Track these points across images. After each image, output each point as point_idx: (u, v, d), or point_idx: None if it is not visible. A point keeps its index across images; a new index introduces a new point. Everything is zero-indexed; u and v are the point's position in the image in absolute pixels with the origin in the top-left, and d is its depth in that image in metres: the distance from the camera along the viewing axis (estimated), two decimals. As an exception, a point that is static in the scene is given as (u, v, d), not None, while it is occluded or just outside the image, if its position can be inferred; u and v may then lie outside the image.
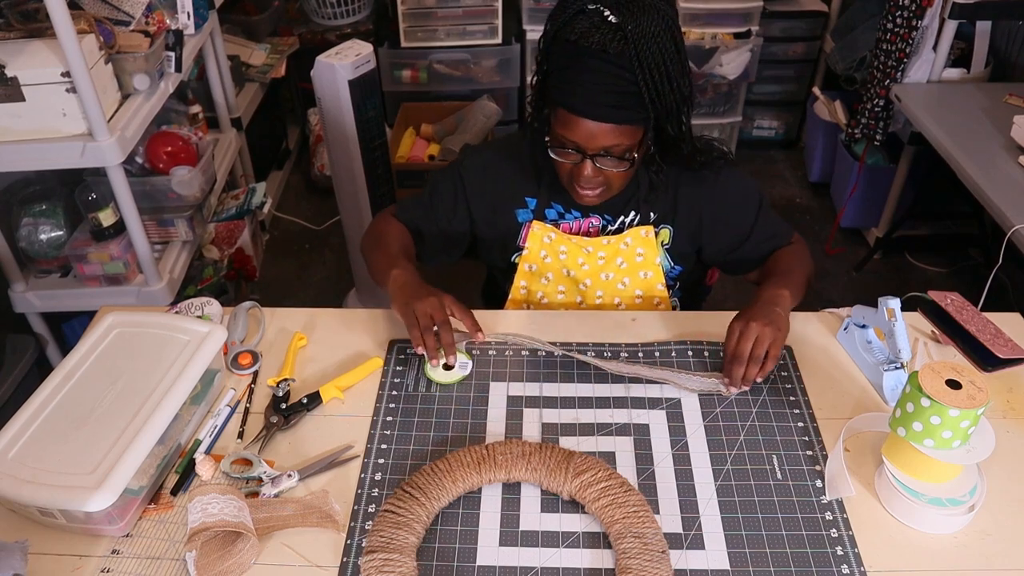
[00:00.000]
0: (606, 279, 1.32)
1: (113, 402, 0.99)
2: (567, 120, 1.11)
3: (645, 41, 1.04)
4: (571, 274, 1.32)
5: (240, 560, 0.91)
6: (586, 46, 1.06)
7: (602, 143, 1.11)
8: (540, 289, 1.35)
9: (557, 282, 1.34)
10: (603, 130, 1.09)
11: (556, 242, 1.30)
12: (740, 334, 1.10)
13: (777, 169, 3.36)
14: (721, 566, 0.92)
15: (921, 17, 2.31)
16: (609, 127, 1.09)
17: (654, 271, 1.31)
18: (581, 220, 1.31)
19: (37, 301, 1.91)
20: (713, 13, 2.94)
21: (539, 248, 1.31)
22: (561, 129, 1.12)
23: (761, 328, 1.09)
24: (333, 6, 3.12)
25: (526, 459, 1.00)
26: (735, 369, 1.09)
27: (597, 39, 1.05)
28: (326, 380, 1.16)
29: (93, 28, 1.64)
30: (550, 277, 1.33)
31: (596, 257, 1.30)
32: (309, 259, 2.90)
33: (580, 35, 1.06)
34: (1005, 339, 1.20)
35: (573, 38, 1.07)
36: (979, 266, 2.76)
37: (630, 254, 1.30)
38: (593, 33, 1.05)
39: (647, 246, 1.30)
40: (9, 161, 1.65)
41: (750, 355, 1.09)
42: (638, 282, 1.32)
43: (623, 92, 1.07)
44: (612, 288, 1.33)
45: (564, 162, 1.16)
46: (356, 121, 2.08)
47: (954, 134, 2.11)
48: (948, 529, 0.95)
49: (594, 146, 1.11)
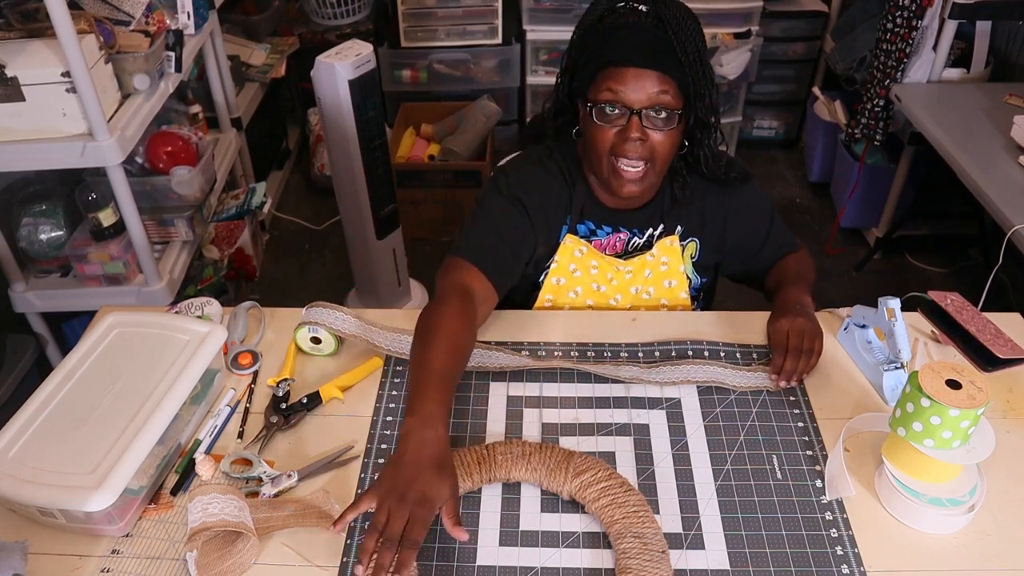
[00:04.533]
0: (635, 292, 1.32)
1: (113, 402, 0.99)
2: (611, 77, 1.11)
3: (677, 22, 1.10)
4: (601, 289, 1.30)
5: (240, 560, 0.91)
6: (621, 22, 1.11)
7: (648, 91, 1.10)
8: (568, 303, 1.32)
9: (586, 296, 1.31)
10: (649, 78, 1.10)
11: (587, 256, 1.28)
12: (789, 330, 1.16)
13: (777, 169, 3.36)
14: (721, 566, 0.92)
15: (921, 17, 2.31)
16: (655, 75, 1.10)
17: (678, 279, 1.31)
18: (611, 235, 1.30)
19: (37, 301, 1.91)
20: (713, 13, 2.94)
21: (569, 261, 1.28)
22: (605, 91, 1.12)
23: (807, 324, 1.17)
24: (333, 6, 3.12)
25: (526, 459, 1.00)
26: (788, 363, 1.14)
27: (631, 18, 1.10)
28: (326, 380, 1.16)
29: (93, 28, 1.64)
30: (579, 291, 1.31)
31: (624, 272, 1.30)
32: (309, 259, 2.90)
33: (613, 22, 1.11)
34: (1005, 339, 1.20)
35: (606, 25, 1.12)
36: (979, 266, 2.76)
37: (655, 264, 1.30)
38: (627, 16, 1.11)
39: (671, 255, 1.29)
40: (9, 161, 1.65)
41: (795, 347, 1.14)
42: (662, 291, 1.32)
43: (662, 47, 1.09)
44: (637, 299, 1.33)
45: (609, 128, 1.13)
46: (356, 121, 2.08)
47: (954, 134, 2.10)
48: (948, 529, 0.95)
49: (640, 98, 1.11)
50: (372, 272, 2.41)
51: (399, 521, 0.87)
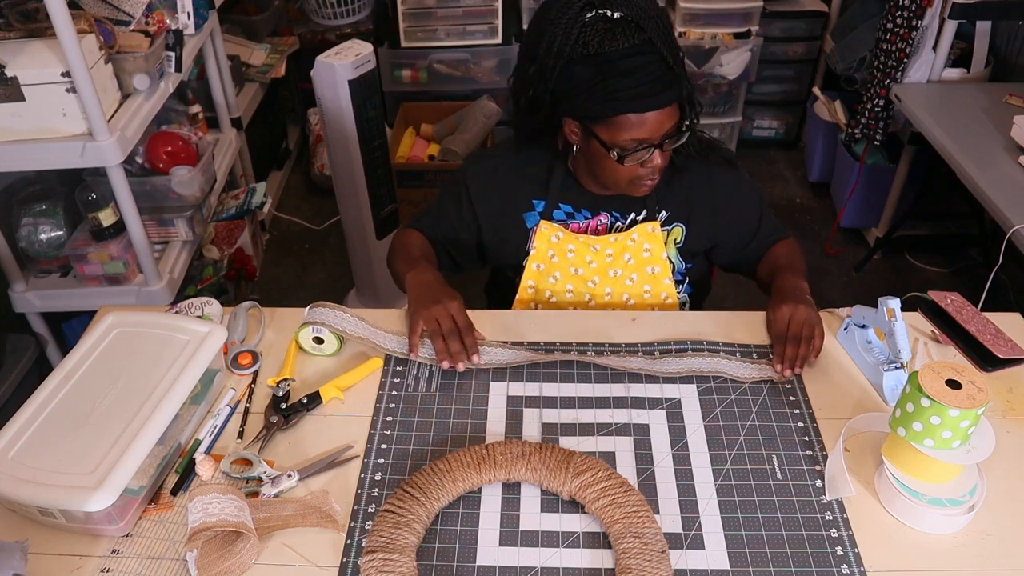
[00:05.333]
0: (614, 276, 1.33)
1: (113, 402, 0.99)
2: (631, 123, 1.12)
3: (653, 22, 1.10)
4: (579, 272, 1.33)
5: (240, 560, 0.91)
6: (612, 51, 1.09)
7: (667, 127, 1.15)
8: (548, 288, 1.36)
9: (565, 280, 1.34)
10: (666, 114, 1.13)
11: (564, 241, 1.31)
12: (790, 318, 1.17)
13: (777, 169, 3.36)
14: (721, 566, 0.92)
15: (921, 17, 2.31)
16: (669, 110, 1.13)
17: (661, 266, 1.32)
18: (590, 219, 1.33)
19: (37, 301, 1.90)
20: (713, 13, 2.94)
21: (547, 248, 1.32)
22: (627, 134, 1.13)
23: (808, 312, 1.18)
24: (333, 6, 3.12)
25: (526, 459, 1.00)
26: (789, 350, 1.15)
27: (619, 42, 1.09)
28: (326, 380, 1.16)
29: (93, 28, 1.63)
30: (558, 276, 1.34)
31: (604, 255, 1.31)
32: (309, 259, 2.90)
33: (598, 45, 1.10)
34: (1005, 339, 1.20)
35: (592, 50, 1.10)
36: (979, 266, 2.76)
37: (637, 250, 1.31)
38: (610, 38, 1.09)
39: (653, 241, 1.31)
40: (9, 161, 1.65)
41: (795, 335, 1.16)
42: (646, 278, 1.33)
43: (662, 74, 1.11)
44: (620, 285, 1.34)
45: (636, 165, 1.17)
46: (356, 121, 2.08)
47: (954, 134, 2.10)
48: (948, 529, 0.95)
49: (659, 134, 1.14)
50: (372, 272, 2.41)
51: (446, 319, 1.15)
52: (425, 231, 1.39)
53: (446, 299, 1.17)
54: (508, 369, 1.18)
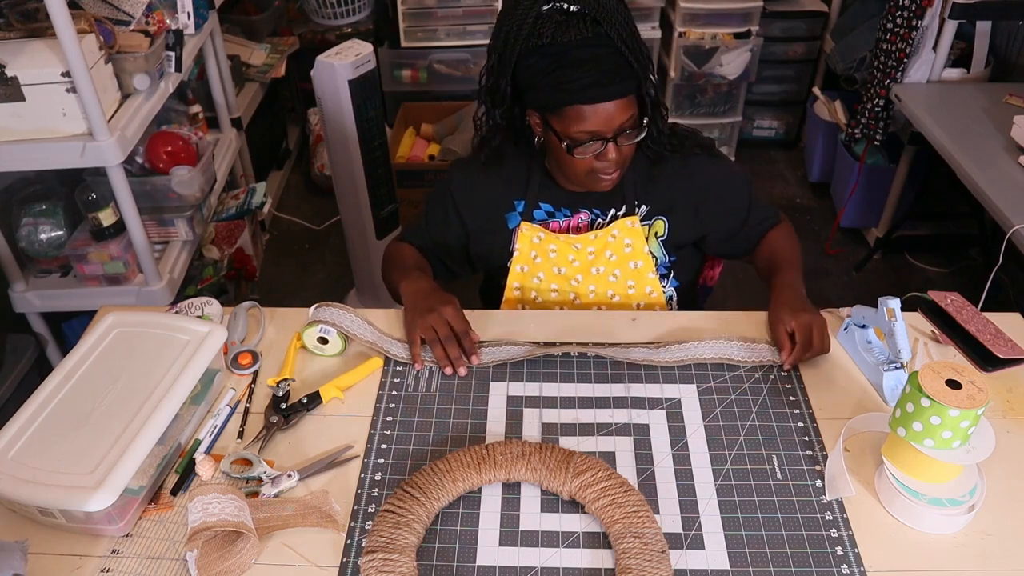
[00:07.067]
0: (597, 273, 1.33)
1: (113, 402, 0.99)
2: (581, 115, 1.13)
3: (610, 15, 1.11)
4: (562, 271, 1.33)
5: (240, 560, 0.91)
6: (565, 42, 1.10)
7: (619, 120, 1.14)
8: (533, 288, 1.36)
9: (550, 280, 1.35)
10: (618, 107, 1.13)
11: (545, 241, 1.31)
12: (795, 327, 1.17)
13: (777, 169, 3.36)
14: (721, 566, 0.92)
15: (921, 17, 2.30)
16: (621, 102, 1.13)
17: (644, 261, 1.32)
18: (571, 217, 1.33)
19: (37, 301, 1.90)
20: (713, 13, 2.94)
21: (529, 248, 1.32)
22: (577, 126, 1.14)
23: (811, 320, 1.17)
24: (333, 6, 3.12)
25: (526, 459, 1.00)
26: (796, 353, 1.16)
27: (573, 33, 1.10)
28: (326, 380, 1.16)
29: (93, 28, 1.63)
30: (542, 276, 1.34)
31: (586, 253, 1.32)
32: (309, 259, 2.90)
33: (552, 37, 1.11)
34: (1005, 339, 1.20)
35: (546, 41, 1.11)
36: (979, 266, 2.76)
37: (618, 246, 1.31)
38: (564, 30, 1.11)
39: (634, 236, 1.31)
40: (9, 161, 1.65)
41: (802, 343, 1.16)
42: (629, 273, 1.33)
43: (616, 66, 1.12)
44: (604, 281, 1.34)
45: (588, 157, 1.18)
46: (356, 121, 2.08)
47: (954, 134, 2.10)
48: (948, 529, 0.95)
49: (612, 127, 1.15)
50: (372, 272, 2.41)
51: (443, 326, 1.16)
52: (415, 242, 1.41)
53: (440, 305, 1.18)
54: (508, 369, 1.18)
